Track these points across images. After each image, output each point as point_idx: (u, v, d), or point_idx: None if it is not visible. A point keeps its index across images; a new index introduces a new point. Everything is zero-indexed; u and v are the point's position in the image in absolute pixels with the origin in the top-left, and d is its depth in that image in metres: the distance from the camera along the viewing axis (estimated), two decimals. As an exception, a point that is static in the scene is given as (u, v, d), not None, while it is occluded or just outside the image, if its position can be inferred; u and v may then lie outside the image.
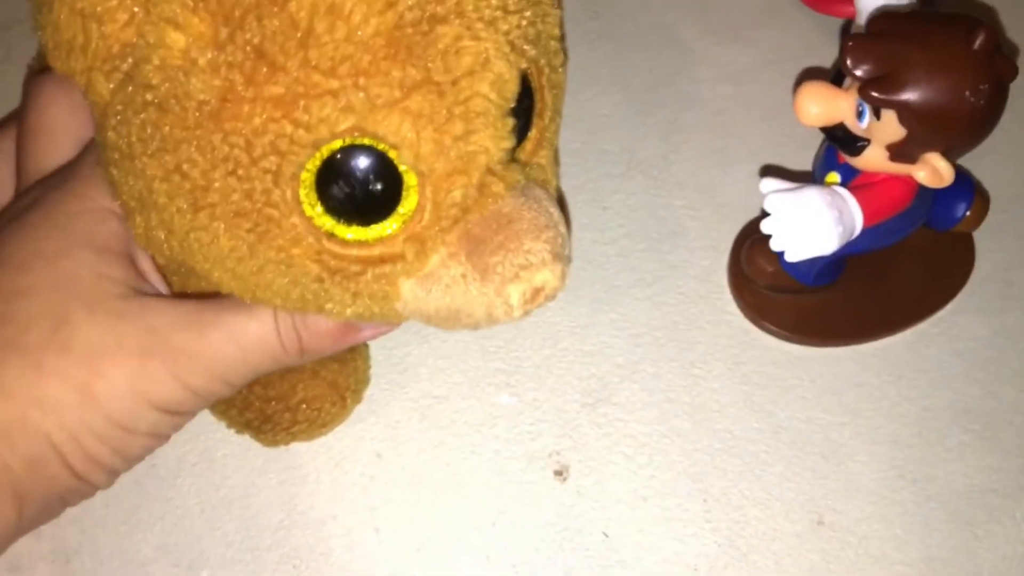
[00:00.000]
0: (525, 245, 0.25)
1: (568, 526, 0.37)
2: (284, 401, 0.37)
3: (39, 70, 0.33)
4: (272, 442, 0.38)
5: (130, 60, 0.24)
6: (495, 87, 0.24)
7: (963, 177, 0.41)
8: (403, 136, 0.24)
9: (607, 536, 0.37)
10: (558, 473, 0.39)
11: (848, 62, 0.34)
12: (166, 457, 0.38)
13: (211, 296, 0.29)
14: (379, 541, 0.37)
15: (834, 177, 0.38)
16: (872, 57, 0.33)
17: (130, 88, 0.25)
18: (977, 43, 0.33)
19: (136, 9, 0.24)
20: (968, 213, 0.40)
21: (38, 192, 0.30)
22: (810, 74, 0.47)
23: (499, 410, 0.40)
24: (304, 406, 0.37)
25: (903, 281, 0.42)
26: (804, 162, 0.42)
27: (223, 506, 0.38)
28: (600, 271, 0.43)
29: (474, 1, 0.24)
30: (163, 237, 0.27)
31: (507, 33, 0.25)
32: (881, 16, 0.35)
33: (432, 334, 0.41)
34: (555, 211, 0.26)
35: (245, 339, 0.28)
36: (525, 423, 0.40)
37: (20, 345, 0.27)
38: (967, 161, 0.41)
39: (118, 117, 0.25)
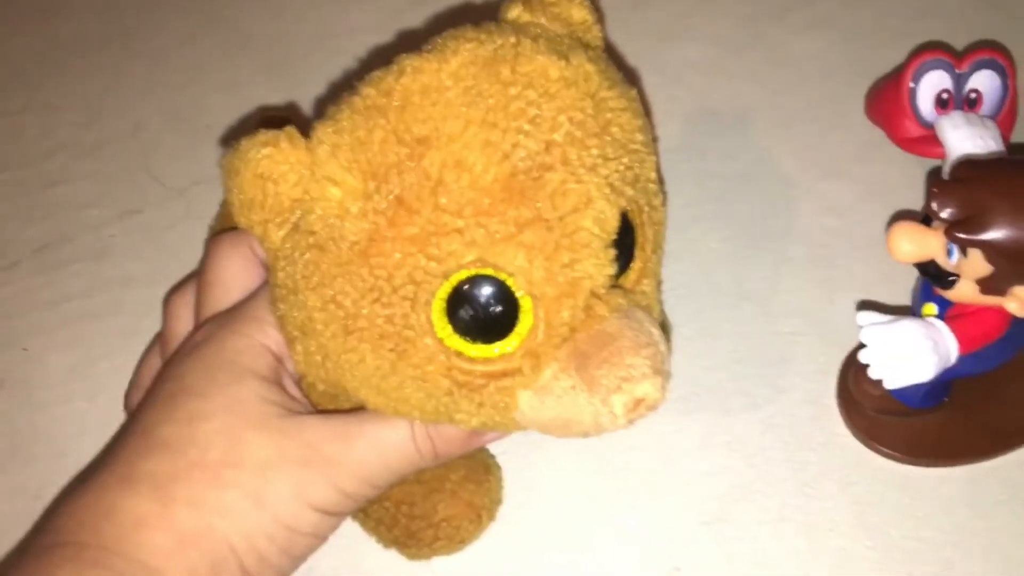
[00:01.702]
0: (627, 360, 0.28)
1: (688, 643, 0.39)
2: (427, 519, 0.40)
3: (219, 230, 0.39)
4: (416, 556, 0.41)
5: (298, 212, 0.30)
6: (597, 222, 0.28)
7: (1062, 299, 0.42)
8: (518, 265, 0.28)
9: (727, 654, 0.39)
10: (677, 588, 0.40)
11: (934, 205, 0.36)
12: (323, 567, 0.41)
13: (354, 411, 0.33)
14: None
15: (931, 308, 0.40)
16: (956, 201, 0.36)
17: (297, 235, 0.30)
18: None
19: (303, 171, 0.29)
20: (1070, 334, 0.41)
21: (210, 330, 0.35)
22: (902, 215, 0.50)
23: (619, 528, 0.42)
24: (445, 524, 0.40)
25: (1012, 400, 0.43)
26: (906, 288, 0.45)
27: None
28: (713, 395, 0.45)
29: (577, 151, 0.29)
30: (320, 361, 0.31)
31: (607, 177, 0.29)
32: (964, 163, 0.38)
33: (557, 456, 0.44)
34: (655, 331, 0.30)
35: (386, 447, 0.32)
36: (645, 541, 0.41)
37: (202, 463, 0.32)
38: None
39: (287, 259, 0.30)
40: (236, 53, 0.62)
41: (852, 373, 0.43)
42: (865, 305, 0.47)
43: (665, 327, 0.44)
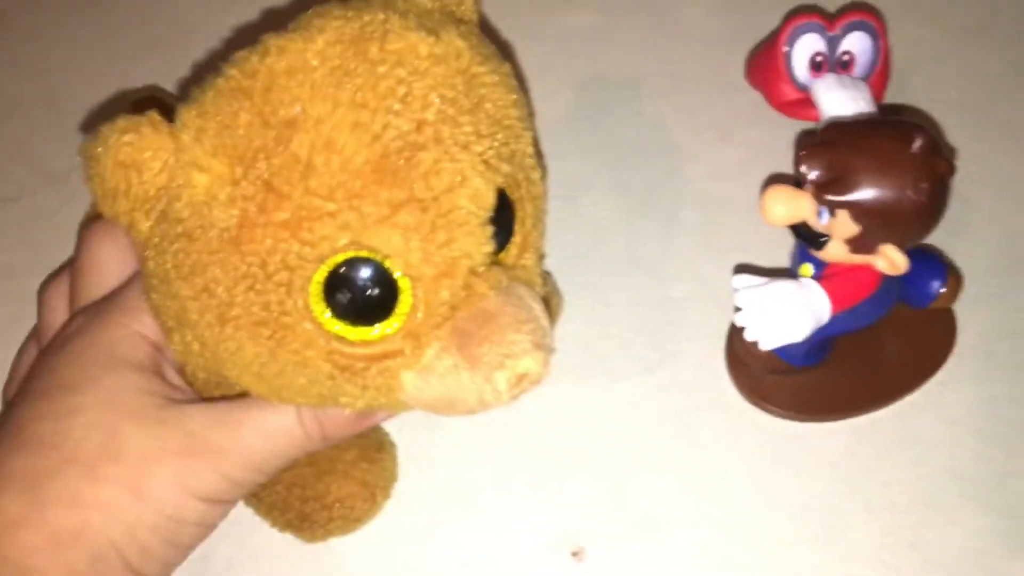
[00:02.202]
0: (508, 336, 0.28)
1: (587, 605, 0.40)
2: (320, 501, 0.40)
3: (92, 217, 0.38)
4: (311, 538, 0.41)
5: (164, 200, 0.29)
6: (473, 200, 0.28)
7: (934, 258, 0.44)
8: (394, 247, 0.28)
9: (625, 615, 0.39)
10: (575, 554, 0.41)
11: (802, 168, 0.37)
12: (218, 555, 0.41)
13: (239, 397, 0.33)
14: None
15: (807, 269, 0.41)
16: (822, 163, 0.37)
17: (164, 223, 0.29)
18: (916, 146, 0.36)
19: (167, 157, 0.28)
20: (943, 290, 0.43)
21: (82, 321, 0.34)
22: (775, 178, 0.51)
23: (518, 501, 0.42)
24: (338, 504, 0.40)
25: (891, 356, 0.44)
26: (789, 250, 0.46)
27: (268, 600, 0.40)
28: (606, 363, 0.46)
29: (450, 129, 0.28)
30: (198, 350, 0.31)
31: (481, 154, 0.29)
32: (831, 126, 0.39)
33: (453, 432, 0.44)
34: (537, 307, 0.30)
35: (273, 432, 0.32)
36: (542, 506, 0.42)
37: (77, 458, 0.31)
38: (944, 240, 0.44)
39: (156, 248, 0.30)
40: (113, 32, 0.60)
41: (738, 335, 0.44)
42: (741, 268, 0.48)
43: (553, 298, 0.45)
